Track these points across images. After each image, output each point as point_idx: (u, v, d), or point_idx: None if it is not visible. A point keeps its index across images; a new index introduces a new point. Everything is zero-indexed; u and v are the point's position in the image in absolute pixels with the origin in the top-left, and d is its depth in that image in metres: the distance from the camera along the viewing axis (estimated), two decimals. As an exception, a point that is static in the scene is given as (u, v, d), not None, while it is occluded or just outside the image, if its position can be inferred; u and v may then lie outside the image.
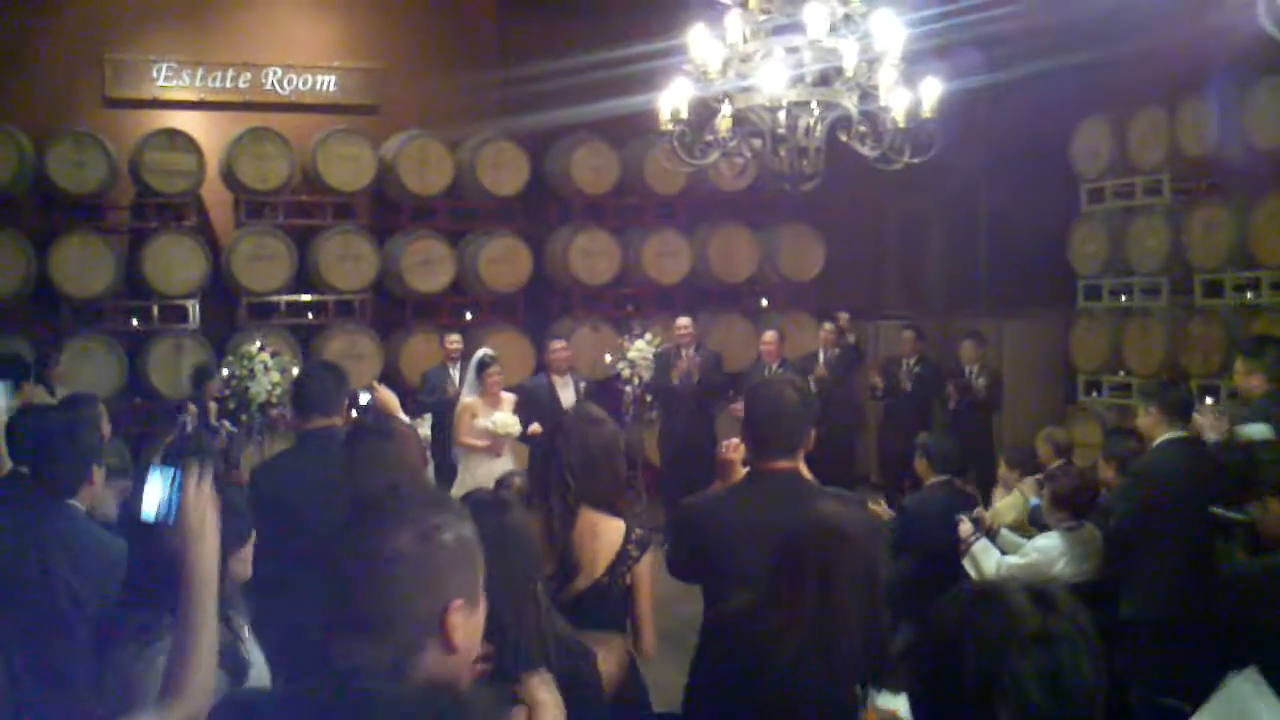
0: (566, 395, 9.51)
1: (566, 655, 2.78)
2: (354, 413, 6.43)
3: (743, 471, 3.90)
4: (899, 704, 2.75)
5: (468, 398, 8.93)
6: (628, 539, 3.71)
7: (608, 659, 3.31)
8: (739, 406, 4.05)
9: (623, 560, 3.69)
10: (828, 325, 10.76)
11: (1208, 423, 5.74)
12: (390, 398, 5.27)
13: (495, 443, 8.68)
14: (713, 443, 7.06)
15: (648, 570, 3.76)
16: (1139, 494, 5.09)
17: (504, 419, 8.70)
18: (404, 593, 1.85)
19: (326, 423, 4.75)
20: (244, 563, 3.26)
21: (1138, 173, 10.73)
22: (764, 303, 12.69)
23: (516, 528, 2.81)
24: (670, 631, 4.16)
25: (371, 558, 1.86)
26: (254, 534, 3.29)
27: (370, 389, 5.68)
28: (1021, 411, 10.86)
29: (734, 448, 3.91)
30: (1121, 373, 10.69)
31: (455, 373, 10.00)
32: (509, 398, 9.00)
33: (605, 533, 3.71)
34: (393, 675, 1.85)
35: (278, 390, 9.59)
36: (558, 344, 9.87)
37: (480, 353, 9.22)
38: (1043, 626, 1.78)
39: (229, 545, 2.80)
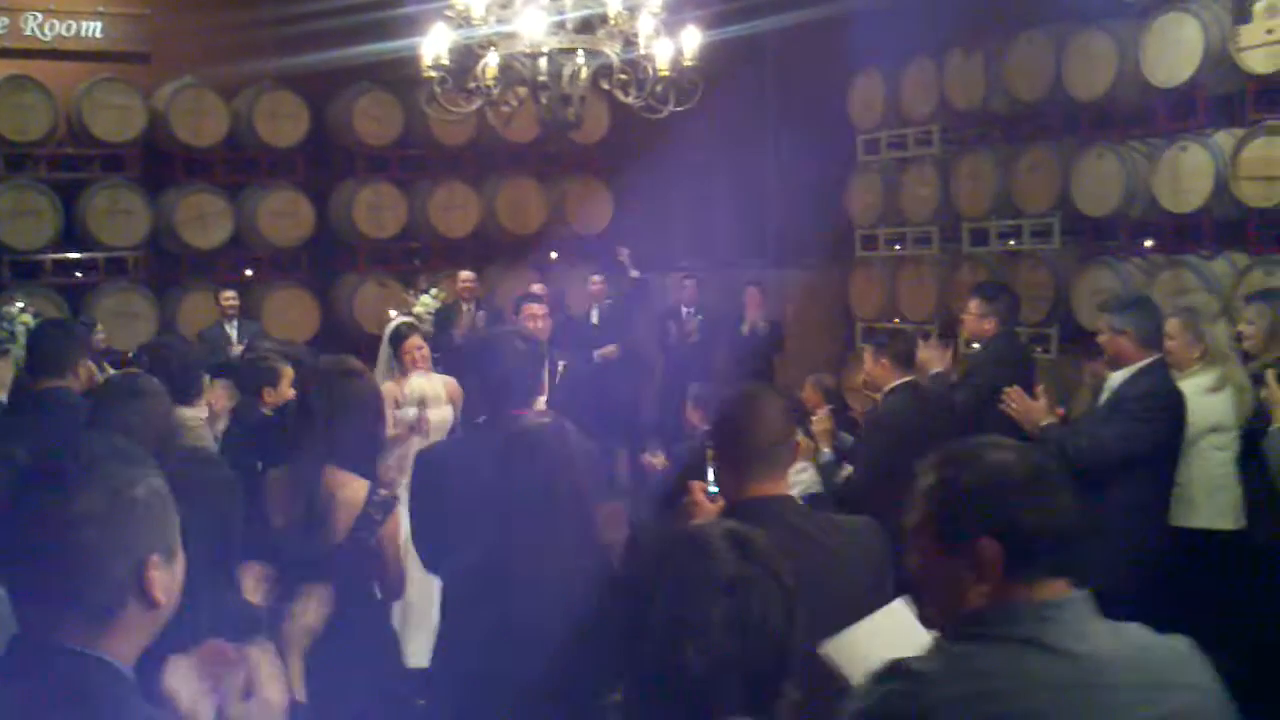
0: None
1: (243, 626, 2.70)
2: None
3: None
4: None
5: (383, 380, 6.50)
6: (370, 500, 3.63)
7: (305, 611, 3.24)
8: None
9: (365, 523, 3.62)
10: (595, 278, 10.98)
11: (934, 356, 6.02)
12: None
13: (404, 433, 5.90)
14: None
15: (393, 533, 3.69)
16: (877, 439, 5.28)
17: (432, 391, 6.32)
18: (98, 554, 1.78)
19: (59, 383, 4.59)
20: None
21: (910, 124, 11.06)
22: (553, 256, 12.65)
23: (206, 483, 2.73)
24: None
25: (59, 521, 1.76)
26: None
27: None
28: (805, 359, 11.11)
29: None
30: (897, 320, 11.03)
31: (232, 330, 9.71)
32: (441, 380, 6.63)
33: (348, 493, 3.62)
34: (91, 637, 1.78)
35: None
36: (535, 307, 7.38)
37: (395, 320, 7.20)
38: (736, 572, 1.82)
39: None
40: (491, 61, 5.84)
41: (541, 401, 3.87)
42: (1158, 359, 5.15)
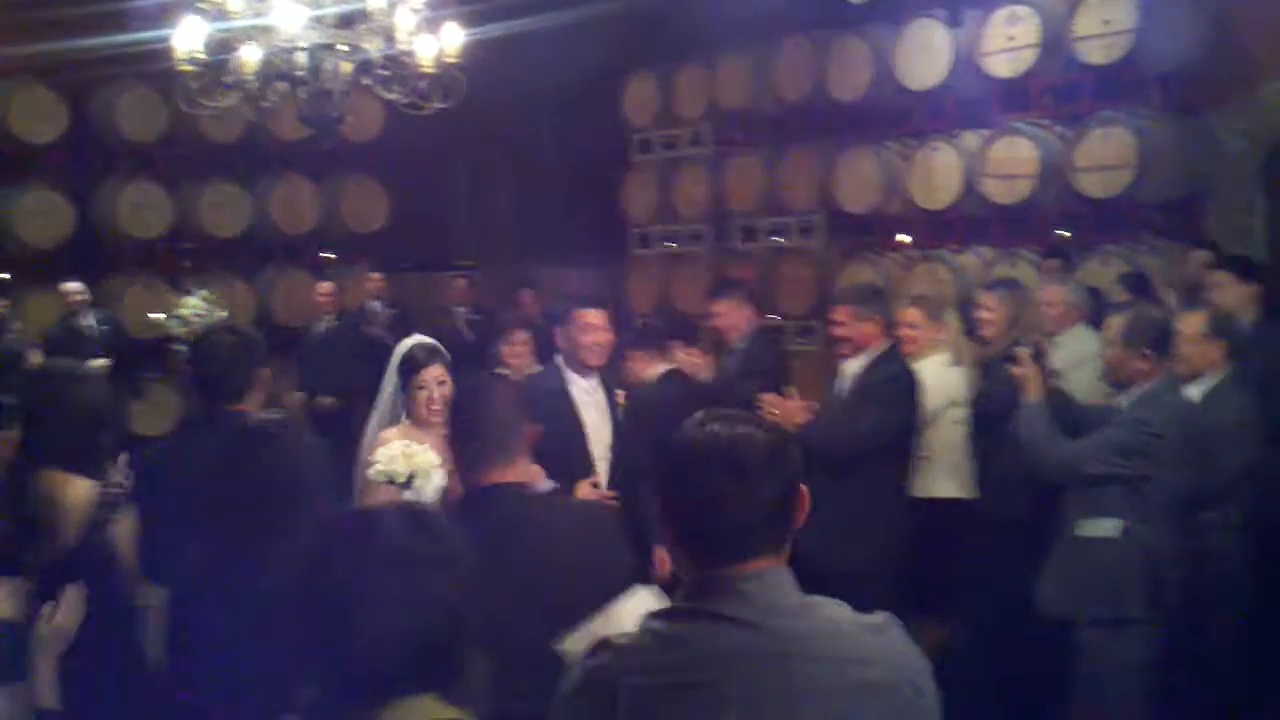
0: (592, 408, 5.37)
1: None
2: None
3: None
4: None
5: (386, 428, 4.46)
6: (101, 501, 3.55)
7: (55, 614, 3.16)
8: None
9: (97, 524, 3.54)
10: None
11: (703, 363, 6.24)
12: None
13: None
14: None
15: (128, 532, 3.62)
16: (641, 422, 5.42)
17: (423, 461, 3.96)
18: None
19: None
20: None
21: (682, 124, 11.30)
22: (329, 256, 12.45)
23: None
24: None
25: None
26: None
27: None
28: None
29: None
30: (672, 316, 11.25)
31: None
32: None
33: (71, 494, 3.51)
34: None
35: None
36: (591, 314, 5.34)
37: (409, 343, 4.63)
38: (405, 545, 1.83)
39: None
40: (249, 56, 5.74)
41: (256, 399, 3.85)
42: (892, 344, 5.44)
